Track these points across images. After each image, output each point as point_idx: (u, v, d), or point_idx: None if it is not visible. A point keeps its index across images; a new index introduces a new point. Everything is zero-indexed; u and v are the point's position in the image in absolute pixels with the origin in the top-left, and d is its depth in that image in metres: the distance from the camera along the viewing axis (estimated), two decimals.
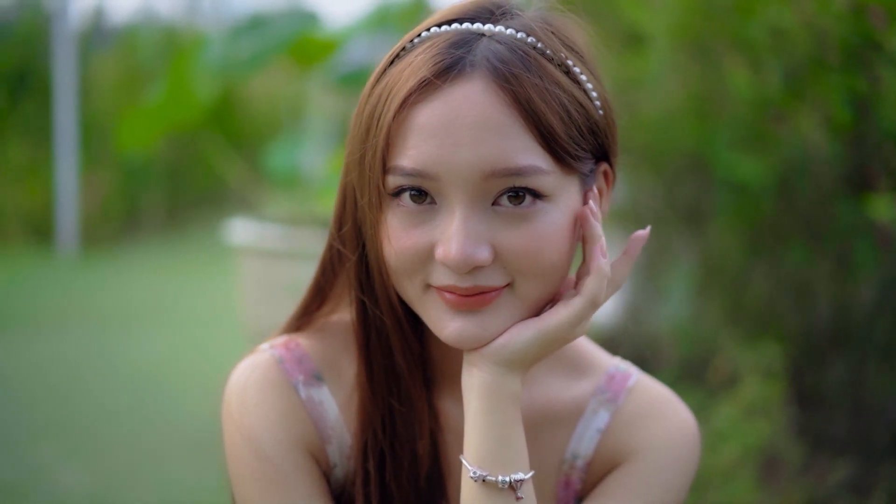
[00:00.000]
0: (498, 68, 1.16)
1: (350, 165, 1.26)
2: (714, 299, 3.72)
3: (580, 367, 1.41)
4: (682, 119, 3.61)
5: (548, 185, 1.17)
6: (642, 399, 1.39)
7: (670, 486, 1.34)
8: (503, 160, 1.15)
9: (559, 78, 1.19)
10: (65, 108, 8.99)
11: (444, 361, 1.34)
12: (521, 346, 1.21)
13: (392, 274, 1.24)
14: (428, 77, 1.16)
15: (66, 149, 8.99)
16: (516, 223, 1.17)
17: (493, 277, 1.18)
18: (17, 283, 7.78)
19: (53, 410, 4.68)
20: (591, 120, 1.22)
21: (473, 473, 1.20)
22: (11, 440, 4.25)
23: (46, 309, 6.89)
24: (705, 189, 3.70)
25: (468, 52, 1.18)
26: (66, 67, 9.01)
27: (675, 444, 1.35)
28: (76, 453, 4.06)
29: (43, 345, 5.88)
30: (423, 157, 1.16)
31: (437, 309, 1.21)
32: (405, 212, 1.19)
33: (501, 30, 1.21)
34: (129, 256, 9.04)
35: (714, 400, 2.95)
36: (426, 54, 1.18)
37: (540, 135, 1.16)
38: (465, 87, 1.16)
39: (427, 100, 1.16)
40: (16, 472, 3.86)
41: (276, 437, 1.31)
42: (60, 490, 3.68)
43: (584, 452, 1.37)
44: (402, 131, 1.17)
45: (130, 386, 5.02)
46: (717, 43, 3.36)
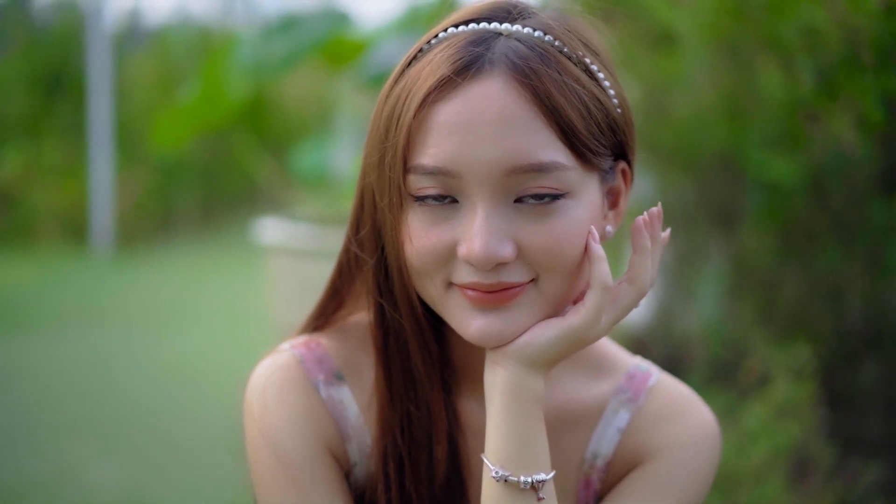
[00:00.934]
0: (517, 65, 1.17)
1: (369, 167, 1.27)
2: (745, 300, 3.70)
3: (601, 367, 1.41)
4: (713, 119, 3.58)
5: (569, 182, 1.18)
6: (663, 399, 1.39)
7: (690, 485, 1.34)
8: (525, 156, 1.15)
9: (578, 74, 1.20)
10: (100, 109, 9.06)
11: (466, 361, 1.35)
12: (544, 344, 1.21)
13: (414, 274, 1.24)
14: (447, 75, 1.17)
15: (100, 149, 9.07)
16: (539, 219, 1.18)
17: (516, 273, 1.19)
18: (52, 282, 7.85)
19: (86, 408, 4.72)
20: (610, 117, 1.23)
21: (495, 473, 1.20)
22: (44, 438, 4.28)
23: (80, 308, 6.95)
24: (737, 189, 3.68)
25: (487, 49, 1.18)
26: (101, 68, 9.09)
27: (696, 444, 1.35)
28: (108, 451, 4.10)
29: (76, 343, 5.94)
30: (444, 154, 1.16)
31: (460, 307, 1.22)
32: (427, 211, 1.20)
33: (519, 28, 1.21)
34: (162, 256, 9.10)
35: (745, 401, 2.93)
36: (445, 53, 1.19)
37: (560, 130, 1.17)
38: (485, 84, 1.16)
39: (447, 98, 1.17)
40: (48, 470, 3.89)
41: (297, 436, 1.31)
42: (92, 487, 3.72)
43: (605, 452, 1.37)
44: (423, 130, 1.18)
45: (162, 384, 5.06)
46: (749, 43, 3.34)
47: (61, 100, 9.88)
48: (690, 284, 4.06)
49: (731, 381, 3.19)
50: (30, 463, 3.96)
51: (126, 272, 8.41)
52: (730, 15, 3.35)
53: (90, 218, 9.20)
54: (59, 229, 9.44)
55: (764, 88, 3.17)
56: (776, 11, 3.16)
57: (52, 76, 9.95)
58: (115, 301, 7.22)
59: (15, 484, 3.75)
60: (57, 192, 9.48)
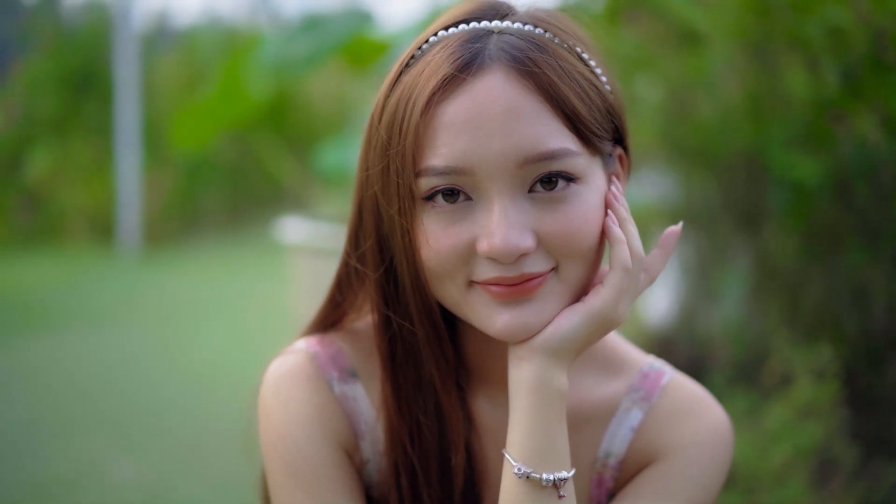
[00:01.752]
0: (517, 57, 1.18)
1: (370, 179, 1.26)
2: (769, 301, 3.68)
3: (613, 366, 1.41)
4: (737, 119, 3.57)
5: (579, 167, 1.20)
6: (676, 397, 1.39)
7: (702, 484, 1.34)
8: (535, 146, 1.17)
9: (574, 62, 1.22)
10: (127, 109, 9.12)
11: (479, 361, 1.35)
12: (571, 331, 1.22)
13: (432, 278, 1.24)
14: (450, 73, 1.18)
15: (128, 149, 9.12)
16: (554, 207, 1.19)
17: (538, 263, 1.20)
18: (79, 282, 7.90)
19: (108, 405, 4.75)
20: (607, 102, 1.26)
21: (518, 470, 1.20)
22: (67, 434, 4.32)
23: (107, 307, 7.00)
24: (761, 189, 3.66)
25: (484, 46, 1.20)
26: (128, 69, 9.14)
27: (709, 443, 1.35)
28: (129, 448, 4.12)
29: (103, 342, 5.98)
30: (455, 153, 1.17)
31: (483, 304, 1.22)
32: (441, 212, 1.20)
33: (509, 24, 1.23)
34: (189, 255, 9.15)
35: (767, 402, 2.92)
36: (443, 53, 1.20)
37: (566, 117, 1.18)
38: (487, 78, 1.17)
39: (451, 96, 1.17)
40: (70, 466, 3.92)
41: (310, 432, 1.32)
42: (113, 484, 3.74)
43: (617, 451, 1.38)
44: (430, 132, 1.18)
45: (186, 382, 5.08)
46: (774, 42, 3.33)
47: (89, 100, 9.94)
48: (714, 285, 4.04)
49: (754, 382, 3.18)
50: (52, 459, 3.99)
51: (153, 271, 8.45)
52: (754, 14, 3.34)
53: (117, 217, 9.26)
54: (86, 229, 9.50)
55: (788, 88, 3.16)
56: (801, 11, 3.14)
57: (81, 76, 10.01)
58: (142, 300, 7.26)
59: (38, 480, 3.78)
60: (85, 191, 9.54)
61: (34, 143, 9.73)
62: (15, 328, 6.30)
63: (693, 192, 4.07)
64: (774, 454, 2.68)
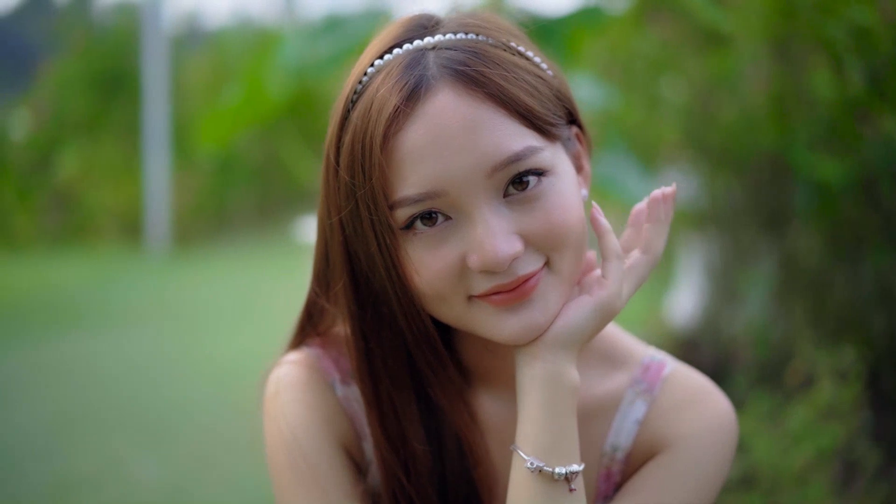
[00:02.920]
0: (459, 70, 1.18)
1: (341, 222, 1.25)
2: (793, 302, 3.67)
3: (615, 359, 1.42)
4: (762, 119, 3.56)
5: (546, 160, 1.20)
6: (678, 388, 1.39)
7: (707, 473, 1.34)
8: (499, 152, 1.17)
9: (513, 60, 1.22)
10: (156, 110, 9.18)
11: (486, 364, 1.36)
12: (580, 324, 1.23)
13: (430, 301, 1.24)
14: (399, 105, 1.17)
15: (156, 149, 9.18)
16: (532, 205, 1.19)
17: (529, 263, 1.20)
18: (107, 281, 7.95)
19: (134, 404, 4.78)
20: (553, 88, 1.26)
21: (530, 464, 1.20)
22: (92, 432, 4.35)
23: (135, 306, 7.05)
24: (786, 190, 3.65)
25: (424, 67, 1.19)
26: (157, 69, 9.20)
27: (712, 433, 1.35)
28: (153, 447, 4.15)
29: (130, 340, 6.02)
30: (424, 179, 1.17)
31: (488, 315, 1.22)
32: (423, 237, 1.20)
33: (441, 38, 1.22)
34: (217, 254, 9.19)
35: (790, 403, 2.91)
36: (386, 85, 1.19)
37: (521, 116, 1.19)
38: (437, 99, 1.17)
39: (406, 125, 1.17)
40: (94, 464, 3.95)
41: (313, 434, 1.33)
42: (135, 482, 3.77)
43: (624, 444, 1.38)
44: (394, 164, 1.18)
45: (212, 381, 5.10)
46: (798, 43, 3.32)
47: (118, 101, 10.02)
48: (738, 286, 4.03)
49: (777, 383, 3.17)
50: (77, 457, 4.03)
51: (180, 270, 8.50)
52: (779, 15, 3.33)
53: (146, 217, 9.32)
54: (115, 228, 9.57)
55: (813, 88, 3.15)
56: (826, 11, 3.13)
57: (110, 77, 10.09)
58: (169, 299, 7.31)
59: (62, 477, 3.82)
60: (113, 191, 9.62)
61: (64, 143, 9.81)
62: (43, 327, 6.36)
63: (717, 193, 4.07)
64: (796, 455, 2.67)
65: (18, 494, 3.67)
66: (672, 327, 4.50)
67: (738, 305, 4.06)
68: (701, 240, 4.36)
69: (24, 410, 4.66)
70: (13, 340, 6.04)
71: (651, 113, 4.24)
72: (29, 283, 7.79)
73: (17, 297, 7.31)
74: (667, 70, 4.03)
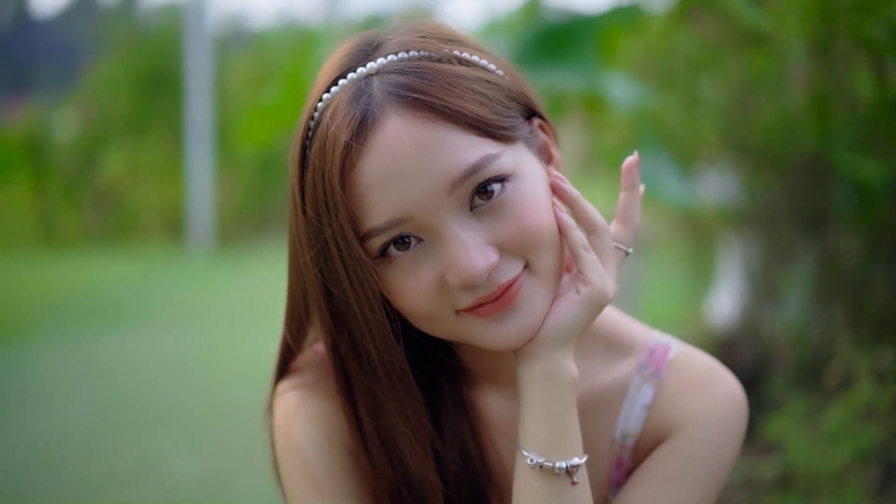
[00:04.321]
0: (403, 95, 1.18)
1: (314, 258, 1.25)
2: (833, 303, 3.65)
3: (620, 346, 1.42)
4: (801, 119, 3.54)
5: (506, 165, 1.20)
6: (684, 371, 1.39)
7: (717, 455, 1.34)
8: (456, 166, 1.17)
9: (457, 70, 1.22)
10: (199, 109, 9.26)
11: (488, 364, 1.38)
12: (572, 319, 1.23)
13: (420, 322, 1.26)
14: (348, 142, 1.17)
15: (199, 149, 9.26)
16: (500, 213, 1.20)
17: (508, 270, 1.21)
18: (151, 280, 8.04)
19: (175, 402, 4.85)
20: (504, 88, 1.25)
21: (530, 461, 1.22)
22: (133, 429, 4.43)
23: (177, 304, 7.12)
24: (825, 190, 3.63)
25: (369, 97, 1.19)
26: (200, 70, 9.28)
27: (721, 414, 1.35)
28: (192, 443, 4.21)
29: (172, 339, 6.09)
30: (388, 207, 1.17)
31: (478, 326, 1.23)
32: (400, 262, 1.21)
33: (383, 61, 1.22)
34: (259, 253, 9.25)
35: (828, 404, 2.90)
36: (335, 121, 1.19)
37: (473, 127, 1.18)
38: (386, 127, 1.17)
39: (361, 159, 1.18)
40: (134, 460, 4.03)
41: (320, 442, 1.34)
42: (174, 478, 3.83)
43: (633, 430, 1.38)
44: (356, 197, 1.19)
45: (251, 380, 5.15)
46: (838, 43, 3.30)
47: (162, 101, 10.11)
48: (777, 287, 4.01)
49: (815, 384, 3.15)
50: (117, 453, 4.10)
51: (223, 269, 8.57)
52: (818, 14, 3.31)
53: (189, 216, 9.41)
54: (159, 227, 9.67)
55: (853, 88, 3.13)
56: (865, 11, 3.11)
57: (154, 77, 10.19)
58: (211, 298, 7.38)
59: (103, 473, 3.88)
60: (157, 191, 9.72)
61: (108, 143, 9.92)
62: (87, 325, 6.45)
63: (756, 194, 4.04)
64: (834, 456, 2.66)
65: (59, 489, 3.74)
66: (712, 328, 4.49)
67: (777, 306, 4.04)
68: (740, 240, 4.34)
69: (66, 406, 4.74)
70: (58, 338, 6.13)
71: (690, 113, 4.23)
72: (73, 282, 7.89)
73: (62, 295, 7.41)
74: (706, 70, 4.01)
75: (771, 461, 2.92)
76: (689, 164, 4.24)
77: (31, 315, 6.78)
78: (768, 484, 2.88)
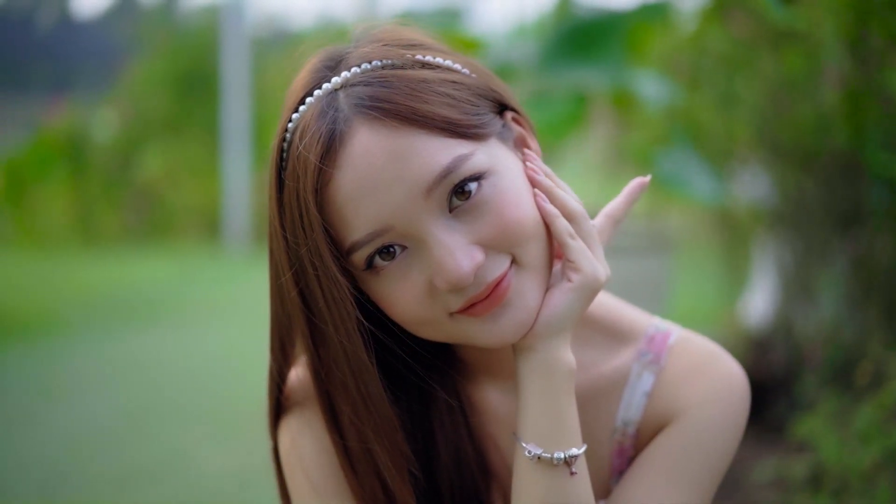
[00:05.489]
0: (368, 106, 1.18)
1: (295, 278, 1.25)
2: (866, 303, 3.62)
3: (619, 334, 1.41)
4: (836, 118, 3.52)
5: (480, 163, 1.19)
6: (685, 356, 1.38)
7: (719, 440, 1.33)
8: (429, 171, 1.17)
9: (420, 74, 1.21)
10: (235, 109, 9.31)
11: (487, 358, 1.38)
12: (566, 309, 1.23)
13: (415, 329, 1.25)
14: (316, 164, 1.17)
15: (235, 148, 9.32)
16: (480, 211, 1.19)
17: (496, 267, 1.21)
18: (188, 278, 8.11)
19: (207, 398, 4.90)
20: (472, 87, 1.25)
21: (528, 452, 1.22)
22: (165, 424, 4.48)
23: (213, 303, 7.17)
24: (859, 190, 3.60)
25: (335, 112, 1.19)
26: (237, 70, 9.34)
27: (723, 399, 1.34)
28: (222, 439, 4.24)
29: (207, 336, 6.15)
30: (367, 220, 1.17)
31: (472, 326, 1.23)
32: (388, 273, 1.21)
33: (346, 75, 1.22)
34: None
35: (859, 404, 2.88)
36: (304, 141, 1.19)
37: (441, 129, 1.18)
38: (355, 141, 1.17)
39: (334, 176, 1.18)
40: (165, 454, 4.08)
41: (323, 457, 1.34)
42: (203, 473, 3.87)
43: (634, 418, 1.37)
44: (335, 214, 1.19)
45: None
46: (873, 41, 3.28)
47: (201, 101, 10.18)
48: (811, 286, 3.99)
49: (848, 384, 3.13)
50: (148, 448, 4.15)
51: (258, 268, 8.59)
52: (853, 12, 3.29)
53: (225, 215, 9.47)
54: (196, 227, 9.74)
55: (888, 86, 3.11)
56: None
57: (193, 78, 10.26)
58: (247, 296, 7.42)
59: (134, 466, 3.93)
60: (194, 190, 9.78)
61: (146, 142, 10.00)
62: (124, 322, 6.51)
63: (790, 193, 4.02)
64: (864, 456, 2.64)
65: (92, 483, 3.79)
66: (745, 327, 4.47)
67: (810, 305, 4.02)
68: (774, 240, 4.32)
69: (101, 402, 4.80)
70: (94, 334, 6.20)
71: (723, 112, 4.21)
72: (111, 280, 7.97)
73: (100, 292, 7.49)
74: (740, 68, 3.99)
75: (802, 460, 2.90)
76: (722, 162, 4.22)
77: (69, 312, 6.85)
78: (799, 483, 2.86)
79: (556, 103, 3.63)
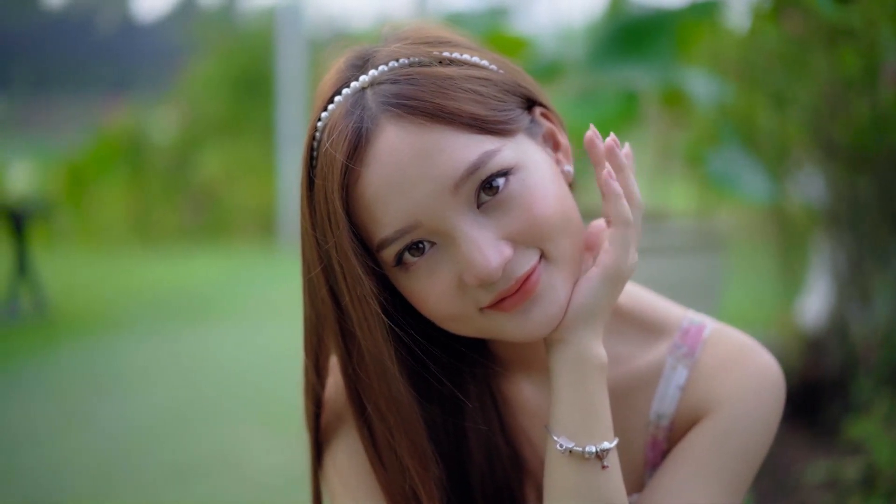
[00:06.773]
0: (395, 104, 1.18)
1: (324, 274, 1.25)
2: None
3: (654, 328, 1.40)
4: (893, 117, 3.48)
5: (508, 159, 1.19)
6: (719, 349, 1.36)
7: (753, 434, 1.32)
8: (457, 167, 1.16)
9: (447, 72, 1.21)
10: (291, 110, 9.38)
11: (520, 352, 1.38)
12: (594, 296, 1.22)
13: (447, 325, 1.25)
14: (343, 162, 1.18)
15: (291, 149, 9.39)
16: (507, 207, 1.19)
17: (524, 261, 1.20)
18: (244, 277, 8.19)
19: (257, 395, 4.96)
20: (499, 83, 1.24)
21: (560, 446, 1.21)
22: (214, 421, 4.53)
23: (268, 301, 7.24)
24: None
25: (362, 110, 1.19)
26: (293, 71, 9.40)
27: (757, 392, 1.33)
28: (270, 436, 4.28)
29: (263, 334, 6.20)
30: (395, 216, 1.17)
31: (503, 321, 1.22)
32: (417, 269, 1.21)
33: (374, 73, 1.22)
34: None
35: None
36: (333, 142, 1.19)
37: (468, 126, 1.18)
38: (382, 138, 1.17)
39: (362, 174, 1.18)
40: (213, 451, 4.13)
41: (353, 457, 1.35)
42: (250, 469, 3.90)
43: (668, 411, 1.36)
44: (363, 211, 1.19)
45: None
46: None
47: (257, 102, 10.27)
48: (867, 287, 3.93)
49: None
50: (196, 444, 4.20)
51: None
52: None
53: (280, 215, 9.55)
54: (252, 226, 9.83)
55: None
56: None
57: (250, 79, 10.36)
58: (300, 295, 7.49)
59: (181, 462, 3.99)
60: (251, 190, 9.87)
61: (204, 143, 10.12)
62: (180, 320, 6.60)
63: (845, 193, 3.97)
64: None
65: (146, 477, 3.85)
66: (800, 329, 4.42)
67: (866, 307, 3.97)
68: (830, 240, 4.26)
69: (156, 398, 4.87)
70: (151, 332, 6.29)
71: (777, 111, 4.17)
72: (169, 278, 8.08)
73: (158, 291, 7.60)
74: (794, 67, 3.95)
75: (855, 462, 2.88)
76: (775, 162, 4.18)
77: (126, 310, 6.96)
78: (852, 485, 2.84)
79: (608, 101, 3.61)
